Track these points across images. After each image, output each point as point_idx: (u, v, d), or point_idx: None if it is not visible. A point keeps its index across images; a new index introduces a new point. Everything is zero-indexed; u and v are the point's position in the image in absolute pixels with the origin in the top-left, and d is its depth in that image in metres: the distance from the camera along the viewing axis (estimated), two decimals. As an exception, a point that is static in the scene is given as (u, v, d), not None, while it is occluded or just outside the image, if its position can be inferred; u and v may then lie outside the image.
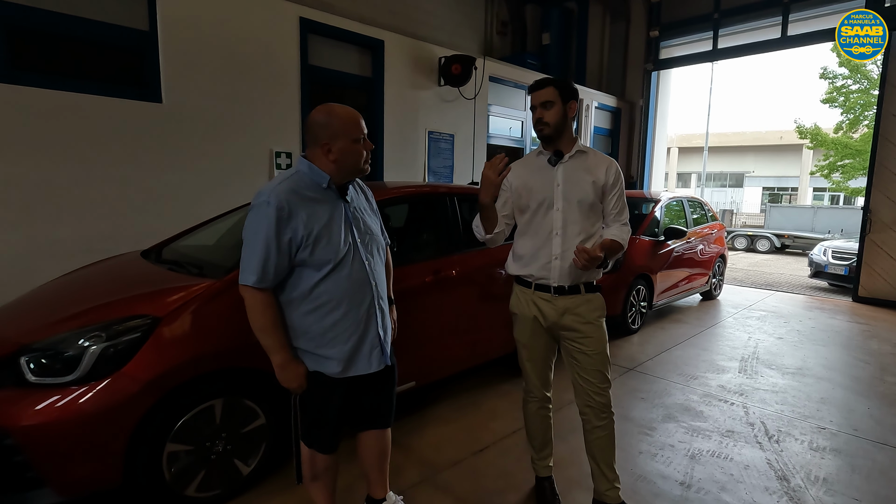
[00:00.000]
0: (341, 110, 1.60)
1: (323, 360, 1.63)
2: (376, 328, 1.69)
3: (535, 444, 2.19)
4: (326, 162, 1.59)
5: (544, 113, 1.89)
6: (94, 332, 1.82)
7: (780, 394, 3.48)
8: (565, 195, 1.91)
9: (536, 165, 1.98)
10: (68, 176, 3.37)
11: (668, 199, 5.79)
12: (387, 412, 1.86)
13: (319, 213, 1.57)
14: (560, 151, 1.93)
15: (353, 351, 1.64)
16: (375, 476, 1.96)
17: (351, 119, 1.60)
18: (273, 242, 1.49)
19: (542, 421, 2.16)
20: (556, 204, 1.91)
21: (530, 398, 2.15)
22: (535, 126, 1.95)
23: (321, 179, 1.60)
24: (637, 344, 4.57)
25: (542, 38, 8.12)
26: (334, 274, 1.58)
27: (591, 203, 1.92)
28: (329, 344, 1.61)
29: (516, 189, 1.98)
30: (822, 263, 8.30)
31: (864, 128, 16.04)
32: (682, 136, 31.65)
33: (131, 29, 3.64)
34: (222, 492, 2.07)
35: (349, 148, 1.59)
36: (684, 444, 2.74)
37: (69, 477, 1.74)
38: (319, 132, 1.58)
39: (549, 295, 1.94)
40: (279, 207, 1.49)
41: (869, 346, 4.67)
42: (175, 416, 1.89)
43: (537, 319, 1.98)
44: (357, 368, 1.66)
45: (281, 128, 4.49)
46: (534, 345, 2.04)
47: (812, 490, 2.33)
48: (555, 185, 1.92)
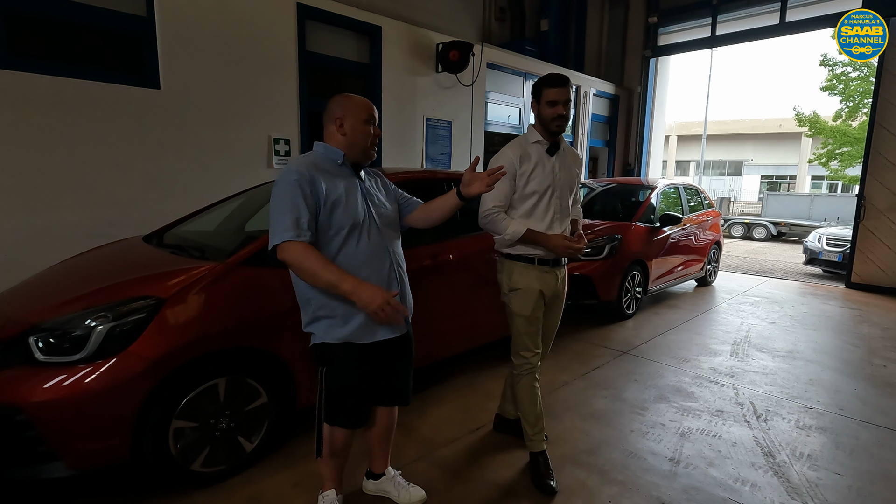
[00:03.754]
0: (357, 96, 1.78)
1: (349, 327, 1.67)
2: (398, 291, 1.76)
3: (530, 420, 2.25)
4: (339, 138, 1.74)
5: (566, 110, 2.07)
6: (100, 313, 1.87)
7: (770, 376, 3.56)
8: (561, 182, 2.18)
9: (537, 154, 2.15)
10: (69, 162, 3.40)
11: (665, 186, 5.83)
12: (405, 390, 1.93)
13: (336, 184, 1.68)
14: (558, 143, 2.17)
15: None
16: (379, 451, 2.04)
17: (364, 103, 1.77)
18: (300, 200, 1.58)
19: (534, 395, 2.25)
20: (556, 190, 2.16)
21: (525, 371, 2.23)
22: (553, 121, 2.08)
23: (336, 156, 1.74)
24: (632, 328, 4.65)
25: (541, 25, 8.09)
26: (352, 239, 1.67)
27: (574, 190, 2.27)
28: (356, 310, 1.64)
29: (521, 175, 2.12)
30: (816, 250, 8.37)
31: (863, 116, 15.99)
32: (681, 123, 31.55)
33: (129, 15, 3.64)
34: (227, 467, 2.14)
35: (359, 126, 1.73)
36: (675, 423, 2.82)
37: (79, 451, 1.80)
38: (335, 109, 1.74)
39: (549, 268, 2.19)
40: (300, 174, 1.61)
41: (859, 331, 4.76)
42: (180, 394, 1.95)
43: (542, 292, 2.19)
44: (382, 332, 1.73)
45: (279, 114, 4.51)
46: (538, 315, 2.21)
47: (797, 465, 2.41)
48: (555, 174, 2.15)
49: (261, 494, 2.07)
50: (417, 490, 2.05)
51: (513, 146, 2.16)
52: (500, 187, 2.10)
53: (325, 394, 1.72)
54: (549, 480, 2.15)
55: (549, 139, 2.15)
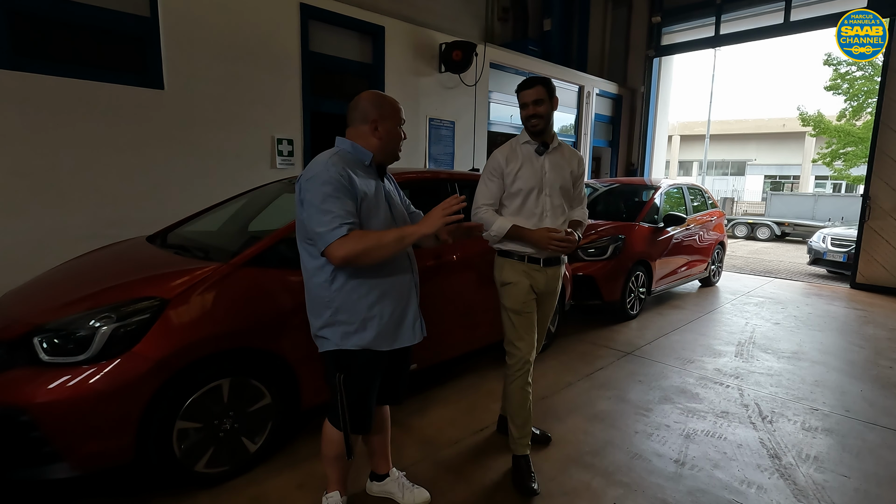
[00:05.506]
0: (390, 97, 1.75)
1: (371, 332, 1.63)
2: (416, 300, 1.76)
3: (518, 422, 2.23)
4: (372, 140, 1.68)
5: (537, 109, 2.14)
6: (104, 314, 1.87)
7: (775, 377, 3.54)
8: (551, 182, 2.20)
9: (525, 154, 2.22)
10: (72, 163, 3.40)
11: (668, 187, 5.81)
12: (404, 389, 1.93)
13: (368, 184, 1.64)
14: (546, 143, 2.21)
15: (399, 321, 1.69)
16: (380, 451, 2.03)
17: (398, 106, 1.76)
18: (343, 194, 1.51)
19: (525, 397, 2.23)
20: (545, 189, 2.19)
21: (518, 373, 2.22)
22: (527, 121, 2.18)
23: (364, 157, 1.68)
24: (635, 329, 4.63)
25: (544, 25, 8.07)
26: None
27: (568, 189, 2.25)
28: (377, 315, 1.63)
29: (508, 174, 2.19)
30: (820, 250, 8.32)
31: (867, 115, 15.89)
32: (684, 123, 31.47)
33: (133, 15, 3.65)
34: (230, 468, 2.14)
35: (394, 130, 1.72)
36: (679, 424, 2.80)
37: (83, 452, 1.80)
38: (371, 110, 1.67)
39: (538, 266, 2.21)
40: (340, 172, 1.54)
41: (865, 332, 4.73)
42: (184, 394, 1.95)
43: (532, 287, 2.22)
44: (403, 339, 1.71)
45: (282, 114, 4.51)
46: (529, 310, 2.22)
47: (803, 467, 2.39)
48: (543, 173, 2.19)
49: (265, 495, 2.07)
50: (422, 491, 2.04)
51: (503, 147, 2.27)
52: (489, 186, 2.22)
53: (347, 402, 1.66)
54: (530, 483, 2.14)
55: (535, 139, 2.21)
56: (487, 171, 2.25)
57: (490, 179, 2.23)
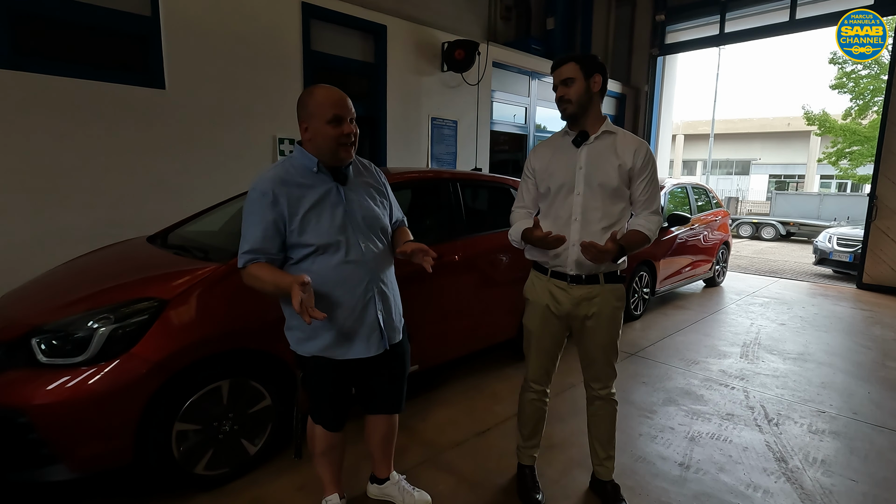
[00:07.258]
0: (319, 90, 1.57)
1: (320, 342, 1.63)
2: (375, 312, 1.67)
3: (525, 432, 2.15)
4: (309, 144, 1.61)
5: (566, 90, 1.78)
6: (103, 315, 1.85)
7: (781, 378, 3.50)
8: (587, 179, 1.80)
9: (560, 146, 1.89)
10: (72, 162, 3.39)
11: (673, 186, 5.76)
12: (396, 398, 1.88)
13: (308, 197, 1.58)
14: (585, 132, 1.82)
15: (349, 334, 1.64)
16: (380, 457, 2.01)
17: (326, 99, 1.55)
18: (260, 223, 1.55)
19: (535, 411, 2.11)
20: (576, 188, 1.81)
21: (528, 388, 2.10)
22: (558, 105, 1.85)
23: (310, 163, 1.61)
24: (639, 329, 4.59)
25: (547, 23, 8.02)
26: (325, 257, 1.58)
27: (614, 188, 1.79)
28: (325, 326, 1.61)
29: (539, 172, 1.92)
30: (826, 250, 8.26)
31: (873, 114, 15.79)
32: (688, 122, 31.34)
33: (134, 14, 3.63)
34: (230, 470, 2.12)
35: (322, 129, 1.55)
36: (684, 426, 2.77)
37: (81, 454, 1.79)
38: (300, 111, 1.60)
39: (565, 283, 1.87)
40: (263, 193, 1.55)
41: (872, 332, 4.68)
42: (183, 396, 1.93)
43: (549, 308, 1.92)
44: (355, 351, 1.67)
45: (284, 114, 4.49)
46: (542, 333, 1.97)
47: (810, 471, 2.36)
48: (577, 168, 1.81)
49: (264, 498, 2.05)
50: (423, 495, 2.01)
51: (543, 141, 2.02)
52: (523, 187, 2.00)
53: (309, 396, 1.75)
54: (535, 494, 2.08)
55: (573, 128, 1.86)
56: (523, 169, 2.02)
57: (524, 179, 1.99)
